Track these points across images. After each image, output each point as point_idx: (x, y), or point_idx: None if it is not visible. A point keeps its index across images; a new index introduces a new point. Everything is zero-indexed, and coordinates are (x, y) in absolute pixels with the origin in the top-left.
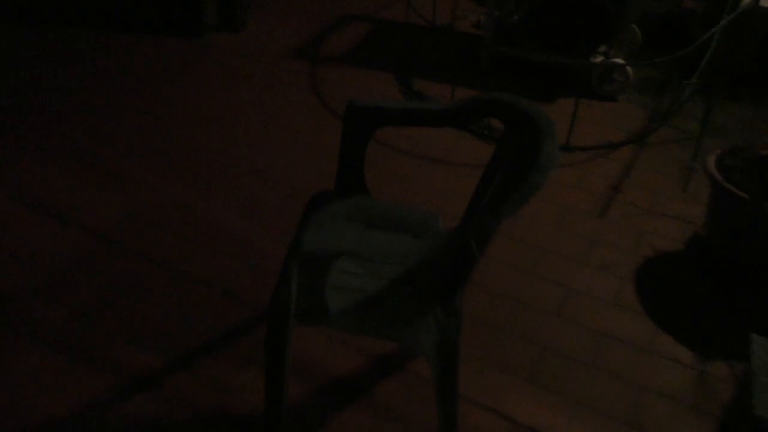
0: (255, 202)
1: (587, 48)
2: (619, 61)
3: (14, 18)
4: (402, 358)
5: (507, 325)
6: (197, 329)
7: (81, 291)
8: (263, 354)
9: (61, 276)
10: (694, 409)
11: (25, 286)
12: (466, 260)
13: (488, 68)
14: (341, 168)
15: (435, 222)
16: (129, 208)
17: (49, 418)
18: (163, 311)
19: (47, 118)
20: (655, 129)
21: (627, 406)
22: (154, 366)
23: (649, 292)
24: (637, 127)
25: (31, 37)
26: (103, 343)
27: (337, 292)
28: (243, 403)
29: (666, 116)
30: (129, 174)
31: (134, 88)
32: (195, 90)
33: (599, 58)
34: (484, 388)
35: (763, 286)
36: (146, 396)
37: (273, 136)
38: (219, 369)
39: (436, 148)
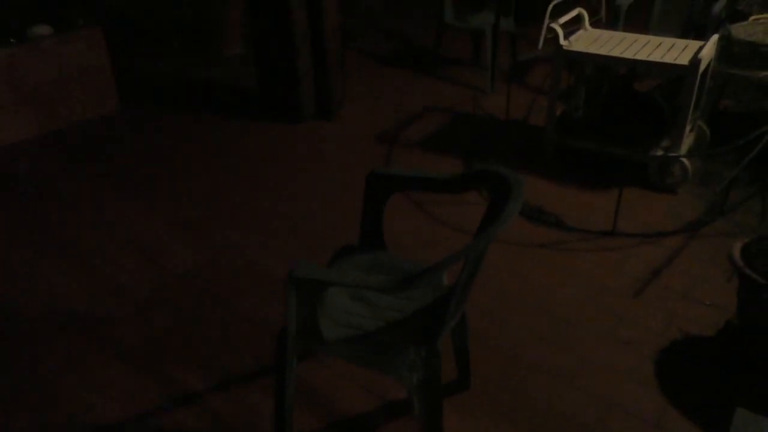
0: (317, 259)
1: (648, 142)
2: (675, 154)
3: (153, 104)
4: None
5: (517, 387)
6: (242, 361)
7: (155, 320)
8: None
9: (142, 306)
10: None
11: (112, 311)
12: (447, 310)
13: (551, 158)
14: (364, 225)
15: (440, 276)
16: (206, 256)
17: (108, 418)
18: (217, 342)
19: (157, 179)
20: (710, 221)
21: None
22: (199, 387)
23: (667, 371)
24: (691, 219)
25: (162, 121)
26: (164, 365)
27: (338, 327)
28: (267, 426)
29: (721, 209)
30: (212, 230)
31: (236, 163)
32: (287, 167)
33: (659, 153)
34: None
35: None
36: (186, 411)
37: (342, 206)
38: (252, 396)
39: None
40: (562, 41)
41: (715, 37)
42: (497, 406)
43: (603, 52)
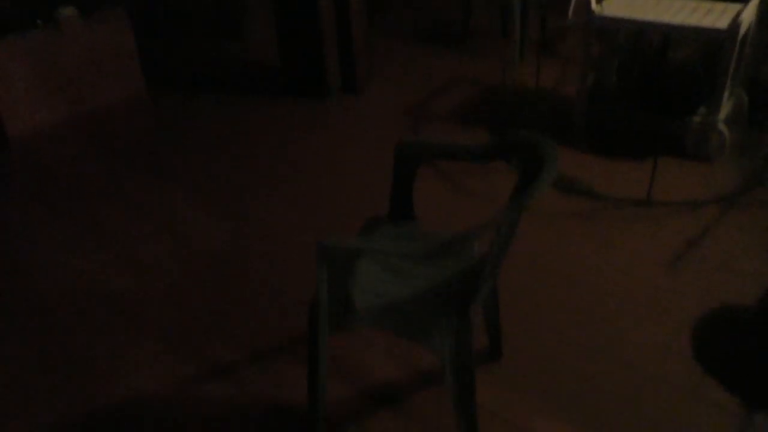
0: (347, 232)
1: (684, 110)
2: (713, 122)
3: (178, 85)
4: (442, 373)
5: (549, 357)
6: (273, 333)
7: (186, 296)
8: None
9: (173, 283)
10: None
11: (145, 291)
12: (479, 280)
13: (583, 129)
14: (393, 196)
15: (471, 245)
16: (235, 232)
17: (142, 394)
18: (248, 316)
19: (184, 159)
20: (749, 190)
21: None
22: (231, 360)
23: (705, 341)
24: (728, 188)
25: (188, 102)
26: (196, 339)
27: (369, 296)
28: (300, 396)
29: (760, 179)
30: (240, 207)
31: (263, 141)
32: (314, 142)
33: (698, 119)
34: (514, 409)
35: None
36: (219, 383)
37: (371, 179)
38: (285, 367)
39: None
40: (593, 6)
41: (755, 0)
42: (528, 377)
43: (636, 17)
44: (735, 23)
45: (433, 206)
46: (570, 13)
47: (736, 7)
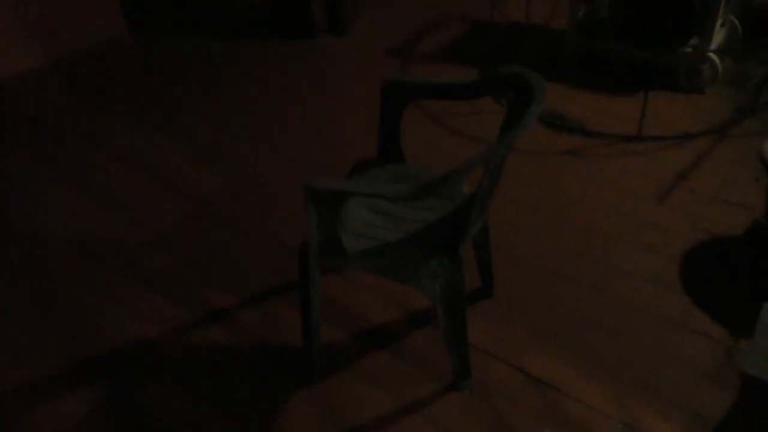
0: (335, 175)
1: (676, 41)
2: (705, 50)
3: (158, 26)
4: (435, 313)
5: (540, 293)
6: (268, 278)
7: (179, 243)
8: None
9: (166, 231)
10: (715, 380)
11: (135, 238)
12: (468, 218)
13: (573, 63)
14: (381, 137)
15: (459, 184)
16: (225, 178)
17: (140, 340)
18: (242, 262)
19: (173, 108)
20: (739, 121)
21: (648, 373)
22: (226, 304)
23: (693, 272)
24: (720, 120)
25: (167, 44)
26: (190, 285)
27: (359, 239)
28: (295, 339)
29: (751, 109)
30: (228, 152)
31: (248, 83)
32: (300, 84)
33: (689, 50)
34: (505, 345)
35: None
36: (218, 327)
37: (358, 121)
38: (280, 310)
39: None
40: None
41: None
42: (520, 313)
43: None
44: None
45: (422, 147)
46: None
47: None
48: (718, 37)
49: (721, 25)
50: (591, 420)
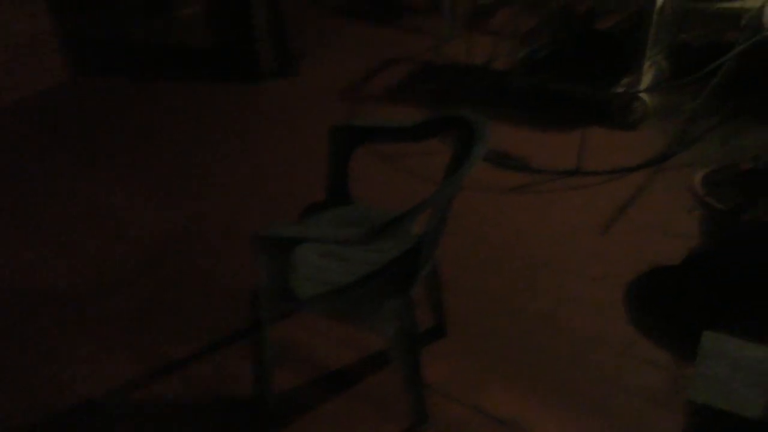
0: (287, 217)
1: (609, 80)
2: (635, 90)
3: (105, 68)
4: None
5: (493, 328)
6: (221, 326)
7: (131, 291)
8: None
9: (117, 278)
10: (663, 405)
11: (79, 286)
12: (418, 260)
13: (514, 102)
14: (330, 180)
15: (409, 225)
16: (177, 222)
17: (88, 396)
18: (195, 310)
19: (122, 151)
20: (672, 154)
21: (599, 401)
22: (179, 356)
23: (637, 300)
24: (654, 153)
25: (115, 86)
26: (143, 335)
27: (311, 283)
28: (248, 388)
29: (683, 142)
30: (179, 196)
31: (197, 127)
32: (249, 128)
33: (620, 90)
34: (461, 384)
35: (740, 292)
36: (171, 379)
37: (308, 164)
38: (234, 360)
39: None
40: None
41: None
42: (474, 350)
43: None
44: None
45: (372, 187)
46: None
47: None
48: (647, 76)
49: (650, 65)
50: None
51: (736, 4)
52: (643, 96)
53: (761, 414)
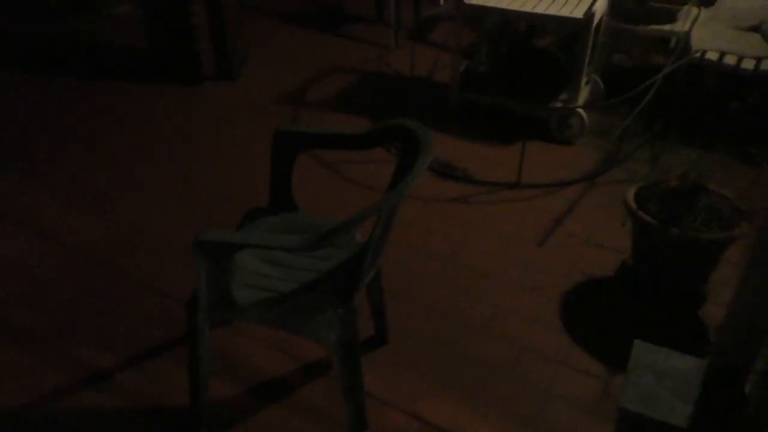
0: (226, 224)
1: (547, 96)
2: (572, 106)
3: (29, 69)
4: (329, 364)
5: (432, 338)
6: (151, 333)
7: (56, 300)
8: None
9: (39, 284)
10: (595, 414)
11: (6, 293)
12: (361, 267)
13: (455, 114)
14: (273, 186)
15: (352, 234)
16: (104, 227)
17: (10, 408)
18: (122, 316)
19: (48, 153)
20: (606, 170)
21: (535, 411)
22: (106, 364)
23: (571, 311)
24: (589, 169)
25: (44, 85)
26: (67, 344)
27: (251, 290)
28: (183, 398)
29: (616, 158)
30: (108, 200)
31: (130, 129)
32: (187, 132)
33: (558, 106)
34: (401, 393)
35: (667, 303)
36: (99, 390)
37: (248, 169)
38: (165, 368)
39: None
40: None
41: None
42: (414, 358)
43: (503, 5)
44: (589, 13)
45: (315, 195)
46: (442, 1)
47: None
48: (584, 93)
49: (586, 83)
50: None
51: (666, 27)
52: (581, 111)
53: (687, 422)
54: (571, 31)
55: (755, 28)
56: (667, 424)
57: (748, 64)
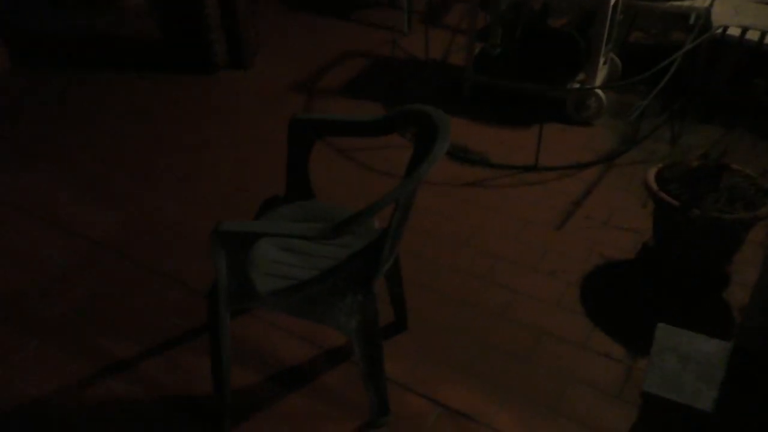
0: (243, 213)
1: (564, 77)
2: (590, 87)
3: (48, 61)
4: (349, 350)
5: (451, 323)
6: (171, 323)
7: (76, 291)
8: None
9: (60, 277)
10: (618, 398)
11: (28, 286)
12: (380, 254)
13: (471, 97)
14: (289, 175)
15: (370, 221)
16: (123, 218)
17: (36, 398)
18: (143, 307)
19: (61, 143)
20: (624, 151)
21: (556, 396)
22: (128, 354)
23: (591, 295)
24: (607, 150)
25: (62, 78)
26: (89, 335)
27: (271, 278)
28: (204, 387)
29: (634, 139)
30: (126, 192)
31: (146, 120)
32: (201, 121)
33: (575, 86)
34: (421, 378)
35: (690, 285)
36: (121, 379)
37: (264, 158)
38: (186, 357)
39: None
40: None
41: None
42: (434, 344)
43: None
44: None
45: (331, 183)
46: None
47: None
48: (602, 73)
49: (604, 63)
50: None
51: (685, 3)
52: (598, 92)
53: (712, 406)
54: (589, 8)
55: None
56: (692, 408)
57: None
